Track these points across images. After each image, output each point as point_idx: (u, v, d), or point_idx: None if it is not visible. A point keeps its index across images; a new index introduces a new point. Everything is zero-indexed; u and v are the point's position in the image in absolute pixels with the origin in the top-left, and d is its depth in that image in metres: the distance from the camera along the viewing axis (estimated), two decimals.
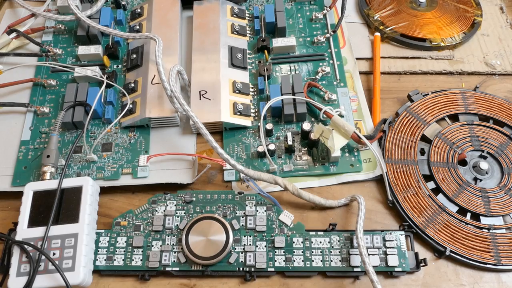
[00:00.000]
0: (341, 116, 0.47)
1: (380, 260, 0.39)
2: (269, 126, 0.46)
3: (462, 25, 0.56)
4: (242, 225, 0.41)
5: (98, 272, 0.40)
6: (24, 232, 0.39)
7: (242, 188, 0.44)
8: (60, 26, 0.55)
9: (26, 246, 0.38)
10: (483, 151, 0.46)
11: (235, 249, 0.40)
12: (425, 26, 0.55)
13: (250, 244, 0.40)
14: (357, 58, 0.53)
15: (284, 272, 0.39)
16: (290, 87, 0.48)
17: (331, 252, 0.40)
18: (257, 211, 0.41)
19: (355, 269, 0.39)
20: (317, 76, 0.50)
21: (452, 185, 0.44)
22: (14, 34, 0.53)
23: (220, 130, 0.48)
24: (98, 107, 0.47)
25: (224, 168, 0.45)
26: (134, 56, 0.51)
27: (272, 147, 0.44)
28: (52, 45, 0.54)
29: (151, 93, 0.47)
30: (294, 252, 0.40)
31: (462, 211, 0.43)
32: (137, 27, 0.54)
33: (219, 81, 0.48)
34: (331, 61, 0.52)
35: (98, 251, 0.40)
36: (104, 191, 0.44)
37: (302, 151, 0.46)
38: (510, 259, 0.39)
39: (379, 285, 0.35)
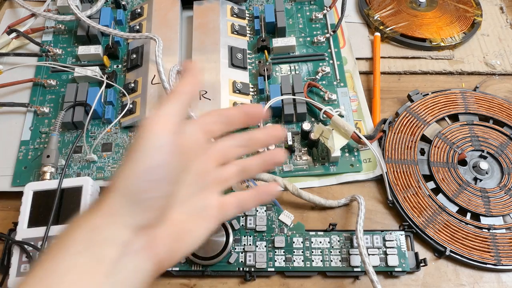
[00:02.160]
0: (341, 116, 0.47)
1: (380, 260, 0.39)
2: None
3: (462, 25, 0.56)
4: (242, 225, 0.41)
5: None
6: (24, 232, 0.39)
7: (242, 188, 0.44)
8: (60, 26, 0.55)
9: (26, 246, 0.38)
10: (483, 151, 0.46)
11: (235, 249, 0.40)
12: (425, 26, 0.55)
13: (250, 244, 0.40)
14: (357, 58, 0.53)
15: (284, 272, 0.39)
16: (290, 87, 0.48)
17: (331, 252, 0.40)
18: (257, 211, 0.41)
19: (355, 269, 0.39)
20: (317, 76, 0.50)
21: (452, 185, 0.44)
22: (14, 34, 0.53)
23: None
24: (98, 107, 0.47)
25: None
26: (134, 56, 0.51)
27: (272, 147, 0.44)
28: (52, 45, 0.54)
29: (151, 93, 0.47)
30: (294, 252, 0.40)
31: (462, 211, 0.43)
32: (137, 27, 0.54)
33: (219, 81, 0.48)
34: (331, 61, 0.52)
35: None
36: None
37: (302, 151, 0.46)
38: (510, 259, 0.39)
39: (379, 285, 0.35)
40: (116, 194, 0.25)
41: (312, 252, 0.40)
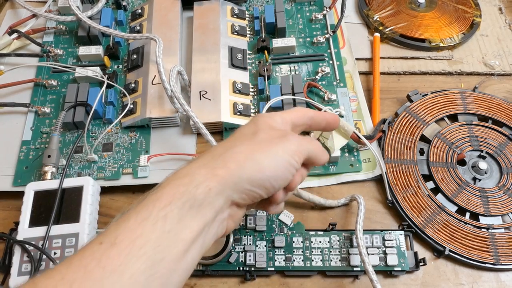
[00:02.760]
0: (341, 116, 0.48)
1: (380, 259, 0.39)
2: None
3: (461, 25, 0.56)
4: (242, 224, 0.41)
5: None
6: (25, 231, 0.39)
7: None
8: (61, 26, 0.55)
9: (27, 246, 0.38)
10: (482, 151, 0.46)
11: (235, 248, 0.40)
12: (424, 27, 0.56)
13: (250, 244, 0.40)
14: (356, 59, 0.53)
15: (284, 271, 0.40)
16: (290, 87, 0.48)
17: (330, 251, 0.40)
18: (257, 210, 0.42)
19: (355, 269, 0.39)
20: (316, 77, 0.50)
21: (451, 185, 0.44)
22: (15, 35, 0.54)
23: (220, 130, 0.48)
24: (99, 107, 0.47)
25: None
26: (135, 56, 0.51)
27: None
28: (53, 45, 0.54)
29: (151, 93, 0.47)
30: (294, 251, 0.40)
31: (461, 210, 0.43)
32: (138, 27, 0.54)
33: (219, 81, 0.48)
34: (330, 62, 0.52)
35: None
36: (104, 191, 0.44)
37: None
38: (509, 259, 0.40)
39: (379, 284, 0.36)
40: (230, 173, 0.28)
41: (312, 251, 0.40)
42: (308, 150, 0.32)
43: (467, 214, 0.42)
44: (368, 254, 0.39)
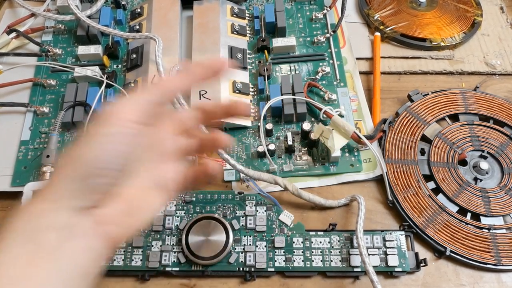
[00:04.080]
0: (341, 116, 0.47)
1: (380, 260, 0.39)
2: (269, 126, 0.46)
3: (462, 25, 0.56)
4: (242, 225, 0.41)
5: None
6: None
7: (242, 188, 0.44)
8: (60, 26, 0.55)
9: None
10: (483, 151, 0.46)
11: (235, 249, 0.40)
12: (425, 26, 0.55)
13: (250, 244, 0.40)
14: (357, 58, 0.53)
15: (284, 272, 0.39)
16: (290, 87, 0.48)
17: (331, 252, 0.40)
18: (257, 211, 0.41)
19: (355, 269, 0.39)
20: (317, 76, 0.50)
21: (452, 185, 0.43)
22: (14, 34, 0.53)
23: (220, 130, 0.48)
24: (98, 107, 0.47)
25: (224, 168, 0.45)
26: (134, 56, 0.51)
27: (272, 147, 0.44)
28: (52, 45, 0.54)
29: None
30: (294, 252, 0.40)
31: (462, 211, 0.43)
32: (137, 27, 0.54)
33: (219, 81, 0.48)
34: (331, 61, 0.52)
35: None
36: None
37: (302, 151, 0.46)
38: (510, 259, 0.39)
39: (379, 285, 0.35)
40: (62, 178, 0.25)
41: (312, 252, 0.40)
42: (148, 99, 0.26)
43: (468, 215, 0.42)
44: (369, 254, 0.39)
